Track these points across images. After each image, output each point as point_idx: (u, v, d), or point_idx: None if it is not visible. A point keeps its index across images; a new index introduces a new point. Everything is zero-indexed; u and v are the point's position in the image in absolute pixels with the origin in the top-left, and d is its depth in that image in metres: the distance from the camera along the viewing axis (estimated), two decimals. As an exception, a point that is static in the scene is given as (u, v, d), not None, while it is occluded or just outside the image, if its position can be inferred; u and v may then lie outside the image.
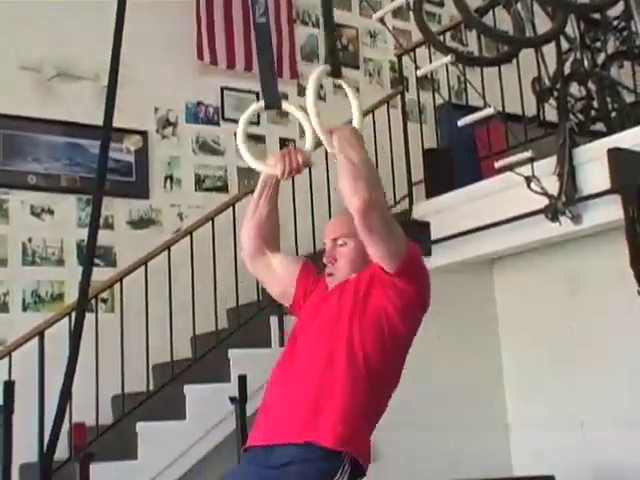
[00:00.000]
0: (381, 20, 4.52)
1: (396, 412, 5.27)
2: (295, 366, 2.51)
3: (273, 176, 2.59)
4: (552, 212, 4.56)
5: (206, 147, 6.21)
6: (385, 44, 7.24)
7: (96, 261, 4.98)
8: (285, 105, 2.60)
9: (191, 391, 4.61)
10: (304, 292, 2.69)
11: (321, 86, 7.59)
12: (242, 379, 4.19)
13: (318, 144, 2.52)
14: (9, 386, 3.83)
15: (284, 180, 2.58)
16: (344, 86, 2.62)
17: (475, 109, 5.01)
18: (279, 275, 2.72)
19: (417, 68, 4.87)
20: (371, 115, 5.83)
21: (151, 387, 4.84)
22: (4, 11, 5.41)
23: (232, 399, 4.12)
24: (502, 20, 4.74)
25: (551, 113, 5.05)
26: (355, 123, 2.57)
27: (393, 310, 2.47)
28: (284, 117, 6.58)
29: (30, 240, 5.39)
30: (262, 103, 2.60)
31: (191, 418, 4.56)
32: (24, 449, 4.08)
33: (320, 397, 2.40)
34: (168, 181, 6.01)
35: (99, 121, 2.71)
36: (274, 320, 4.96)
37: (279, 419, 2.43)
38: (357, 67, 7.17)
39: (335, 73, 2.58)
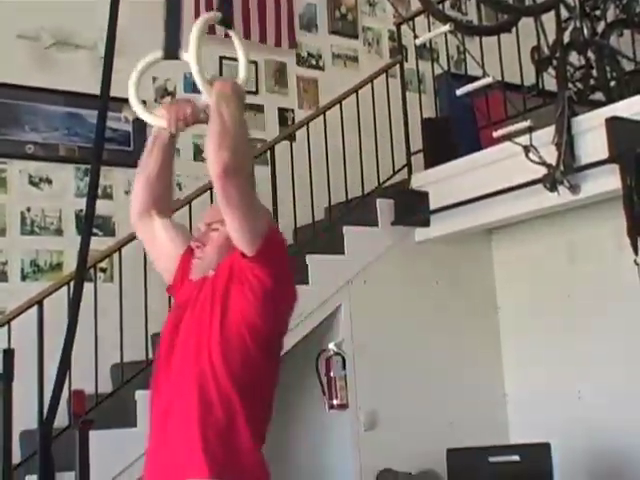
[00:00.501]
0: (380, -12, 4.48)
1: (395, 381, 5.35)
2: (167, 384, 2.36)
3: (162, 128, 2.46)
4: (550, 182, 4.56)
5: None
6: (384, 13, 7.19)
7: (95, 230, 4.97)
8: (184, 55, 2.40)
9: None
10: (183, 275, 2.52)
11: (319, 55, 7.61)
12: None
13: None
14: (9, 354, 3.85)
15: (173, 132, 2.43)
16: (233, 37, 2.48)
17: (474, 79, 4.99)
18: (162, 246, 2.57)
19: (416, 37, 4.84)
20: (370, 84, 5.82)
21: (150, 356, 4.86)
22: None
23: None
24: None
25: (550, 82, 5.03)
26: (240, 79, 2.42)
27: (253, 312, 2.28)
28: (283, 87, 6.56)
29: (29, 209, 5.39)
30: (160, 53, 2.46)
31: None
32: (24, 416, 4.10)
33: (189, 427, 2.25)
34: (166, 150, 5.98)
35: (97, 91, 2.70)
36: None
37: (160, 459, 2.32)
38: (356, 36, 7.12)
39: (225, 22, 2.43)
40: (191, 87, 6.21)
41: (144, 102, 2.52)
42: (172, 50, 2.40)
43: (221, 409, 2.26)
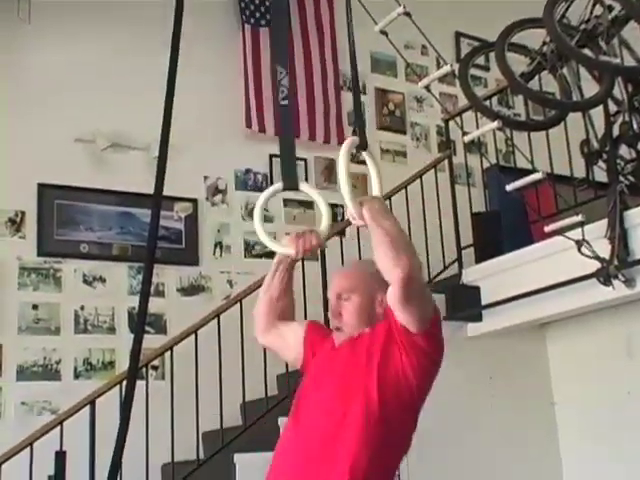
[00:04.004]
0: (427, 87, 4.54)
1: (450, 479, 5.19)
2: (305, 427, 2.50)
3: (287, 256, 2.66)
4: (604, 276, 4.49)
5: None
6: (432, 108, 7.27)
7: (147, 328, 5.01)
8: (302, 186, 2.66)
9: (241, 459, 4.57)
10: (312, 350, 2.70)
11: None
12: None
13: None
14: (60, 456, 3.85)
15: (297, 259, 2.64)
16: (367, 158, 2.70)
17: (524, 171, 4.98)
18: (290, 341, 2.76)
19: (464, 133, 4.87)
20: (419, 179, 5.85)
21: (201, 455, 4.82)
22: (58, 86, 5.57)
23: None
24: (548, 83, 4.75)
25: (601, 174, 5.01)
26: (376, 193, 2.64)
27: (409, 368, 2.46)
28: (332, 183, 6.63)
29: (82, 308, 5.46)
30: (280, 184, 2.66)
31: (242, 486, 4.52)
32: (75, 519, 4.07)
33: (335, 456, 2.39)
34: (218, 248, 6.06)
35: (150, 190, 2.75)
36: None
37: None
38: (404, 132, 7.22)
39: (362, 146, 2.66)
40: (243, 185, 6.33)
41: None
42: (292, 182, 2.64)
43: (377, 446, 2.43)
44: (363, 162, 2.76)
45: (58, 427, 4.35)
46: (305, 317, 5.09)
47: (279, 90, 2.70)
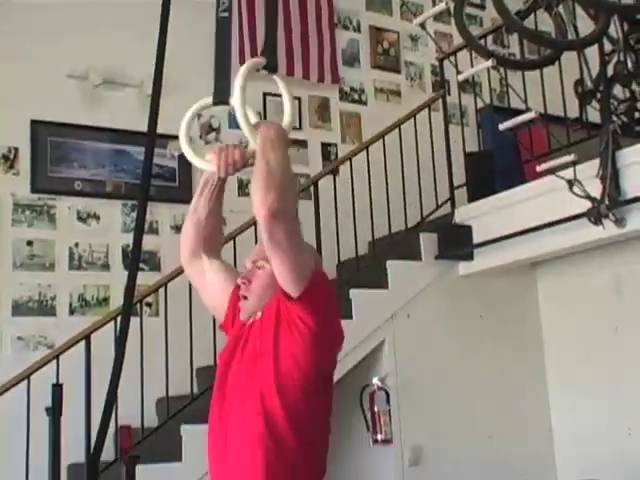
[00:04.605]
0: (422, 25, 4.52)
1: (439, 416, 5.31)
2: (221, 423, 2.38)
3: (212, 173, 2.49)
4: (595, 215, 4.53)
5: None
6: (426, 47, 7.23)
7: (141, 265, 5.04)
8: (232, 100, 2.41)
9: (235, 394, 4.64)
10: (234, 313, 2.55)
11: (362, 90, 7.66)
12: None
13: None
14: (57, 389, 3.91)
15: (222, 176, 2.46)
16: (277, 81, 2.50)
17: (517, 111, 4.99)
18: (212, 285, 2.59)
19: (458, 72, 4.86)
20: (412, 119, 5.84)
21: (195, 390, 4.89)
22: (50, 22, 5.51)
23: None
24: (543, 22, 4.72)
25: (594, 114, 5.02)
26: (284, 123, 2.42)
27: (303, 354, 2.29)
28: (326, 122, 6.62)
29: (77, 245, 5.48)
30: (210, 99, 2.48)
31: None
32: (72, 450, 4.15)
33: (250, 468, 2.27)
34: (211, 186, 6.05)
35: (144, 127, 2.75)
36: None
37: None
38: (398, 71, 7.18)
39: (270, 67, 2.45)
40: (236, 124, 6.30)
41: (191, 139, 2.54)
42: (222, 96, 2.43)
43: (282, 450, 2.28)
44: (356, 101, 2.64)
45: (54, 361, 4.41)
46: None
47: (220, 1, 2.55)
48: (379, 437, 5.01)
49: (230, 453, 2.34)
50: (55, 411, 3.85)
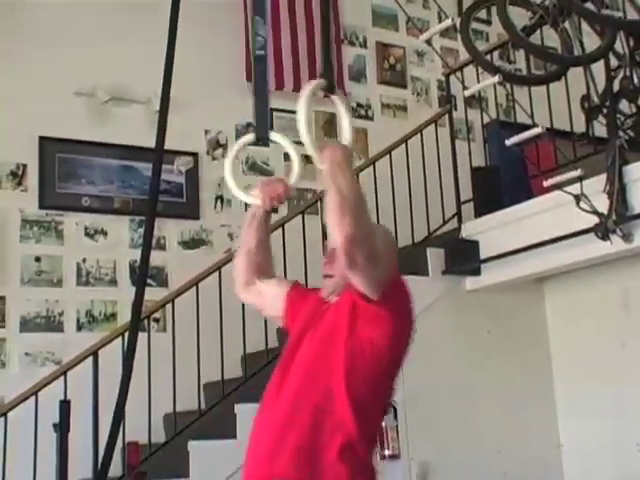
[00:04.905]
0: (428, 41, 4.53)
1: (447, 431, 5.29)
2: (284, 393, 2.45)
3: (257, 206, 2.64)
4: (602, 231, 4.52)
5: (255, 168, 6.28)
6: (432, 63, 7.25)
7: (148, 281, 5.06)
8: (273, 135, 2.63)
9: (242, 410, 4.64)
10: (292, 310, 2.66)
11: (369, 106, 7.67)
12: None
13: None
14: (65, 405, 3.91)
15: (268, 209, 2.62)
16: (336, 102, 2.59)
17: (524, 126, 4.99)
18: (271, 300, 2.72)
19: (465, 88, 4.87)
20: (419, 134, 5.85)
21: (202, 406, 4.89)
22: (58, 39, 5.54)
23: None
24: (549, 37, 4.74)
25: (600, 129, 5.02)
26: (345, 142, 2.50)
27: (378, 339, 2.38)
28: (333, 137, 6.61)
29: (84, 261, 5.50)
30: (252, 135, 2.64)
31: (242, 436, 4.59)
32: (79, 466, 4.14)
33: (313, 434, 2.33)
34: (218, 202, 6.08)
35: (151, 144, 2.77)
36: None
37: (265, 458, 2.38)
38: (405, 86, 7.20)
39: (329, 89, 2.56)
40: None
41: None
42: (263, 134, 2.60)
43: (338, 425, 2.34)
44: (363, 117, 2.73)
45: (62, 377, 4.42)
46: (305, 271, 5.16)
47: (255, 40, 2.67)
48: (387, 452, 4.99)
49: (283, 426, 2.39)
50: (62, 427, 3.85)
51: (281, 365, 2.54)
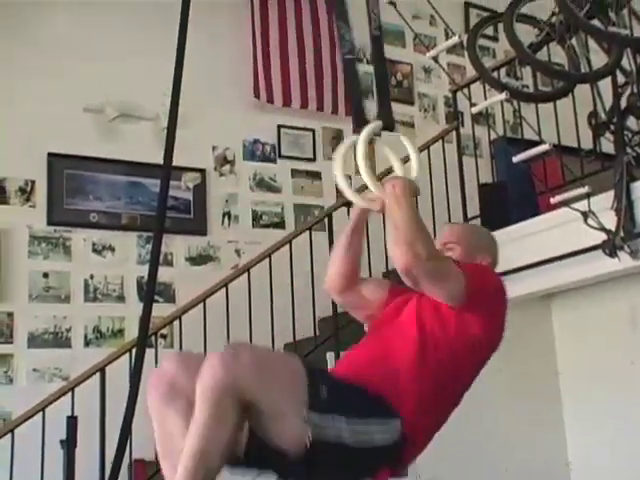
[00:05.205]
0: (435, 58, 4.54)
1: (455, 448, 5.26)
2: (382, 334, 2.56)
3: (363, 211, 2.68)
4: (610, 247, 4.51)
5: (263, 184, 6.29)
6: (439, 79, 7.27)
7: (156, 297, 5.07)
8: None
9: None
10: (391, 299, 2.75)
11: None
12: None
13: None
14: (72, 421, 3.91)
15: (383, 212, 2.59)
16: (403, 139, 2.72)
17: (531, 142, 4.99)
18: (369, 302, 2.77)
19: (472, 104, 4.88)
20: (426, 150, 5.86)
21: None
22: (66, 56, 5.58)
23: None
24: (556, 54, 4.75)
25: (608, 146, 5.02)
26: (412, 176, 2.66)
27: (472, 317, 2.49)
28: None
29: (92, 277, 5.51)
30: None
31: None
32: (86, 482, 4.15)
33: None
34: (226, 218, 6.09)
35: (159, 160, 2.78)
36: (330, 356, 4.97)
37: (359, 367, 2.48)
38: (412, 103, 7.21)
39: (389, 128, 2.66)
40: (250, 155, 6.36)
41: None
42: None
43: (431, 370, 2.56)
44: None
45: (69, 393, 4.42)
46: (312, 287, 5.15)
47: (343, 44, 2.71)
48: (394, 470, 4.97)
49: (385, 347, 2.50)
50: (69, 443, 3.86)
51: (379, 322, 2.64)
